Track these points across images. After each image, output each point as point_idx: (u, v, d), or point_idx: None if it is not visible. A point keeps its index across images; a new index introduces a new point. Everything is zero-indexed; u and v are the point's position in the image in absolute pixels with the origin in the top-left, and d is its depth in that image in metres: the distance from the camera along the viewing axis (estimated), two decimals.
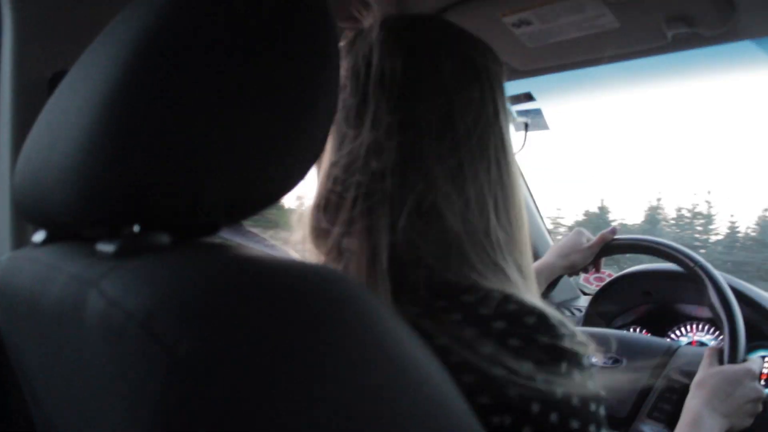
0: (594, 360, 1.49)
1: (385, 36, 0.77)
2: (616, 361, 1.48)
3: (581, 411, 0.67)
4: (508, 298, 0.69)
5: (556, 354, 0.66)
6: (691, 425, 1.12)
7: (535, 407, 0.65)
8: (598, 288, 1.93)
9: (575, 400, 0.67)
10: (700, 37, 1.13)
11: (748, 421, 1.18)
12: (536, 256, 1.79)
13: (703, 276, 1.37)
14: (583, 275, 2.09)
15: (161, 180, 0.50)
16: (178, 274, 0.46)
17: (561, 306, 2.06)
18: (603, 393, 0.71)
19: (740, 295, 1.58)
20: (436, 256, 0.72)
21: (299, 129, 0.56)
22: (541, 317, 0.68)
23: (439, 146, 0.74)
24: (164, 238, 0.52)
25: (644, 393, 1.40)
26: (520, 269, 0.77)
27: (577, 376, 0.67)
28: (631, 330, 1.89)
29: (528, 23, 1.15)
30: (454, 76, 0.76)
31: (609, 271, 2.04)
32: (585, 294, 2.16)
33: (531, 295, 0.75)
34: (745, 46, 1.19)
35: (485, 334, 0.66)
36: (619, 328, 1.90)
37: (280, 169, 0.56)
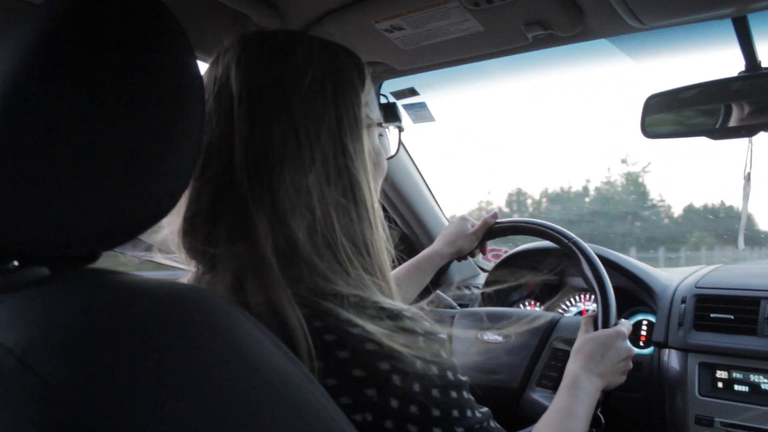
0: (486, 337, 1.59)
1: (240, 53, 0.82)
2: (505, 336, 1.57)
3: (442, 400, 0.74)
4: (364, 302, 0.74)
5: (413, 351, 0.72)
6: (569, 387, 1.19)
7: (394, 402, 0.70)
8: (495, 264, 2.03)
9: (434, 392, 0.73)
10: (557, 37, 1.22)
11: (622, 378, 1.28)
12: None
13: (576, 250, 1.47)
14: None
15: (33, 216, 0.51)
16: (53, 308, 0.50)
17: (461, 284, 2.16)
18: (465, 379, 0.78)
19: (615, 266, 1.71)
20: (286, 267, 0.76)
21: (168, 156, 0.58)
22: (397, 315, 0.74)
23: (289, 163, 0.78)
24: (43, 271, 0.55)
25: (532, 363, 1.51)
26: (375, 273, 0.82)
27: (433, 369, 0.73)
28: (525, 304, 2.01)
29: (400, 29, 1.21)
30: (302, 90, 0.80)
31: (505, 248, 2.16)
32: (484, 271, 2.26)
33: (390, 296, 0.82)
34: (601, 42, 1.28)
35: (342, 339, 0.71)
36: (514, 302, 2.02)
37: (153, 195, 0.58)
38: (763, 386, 1.43)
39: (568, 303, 1.95)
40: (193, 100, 0.61)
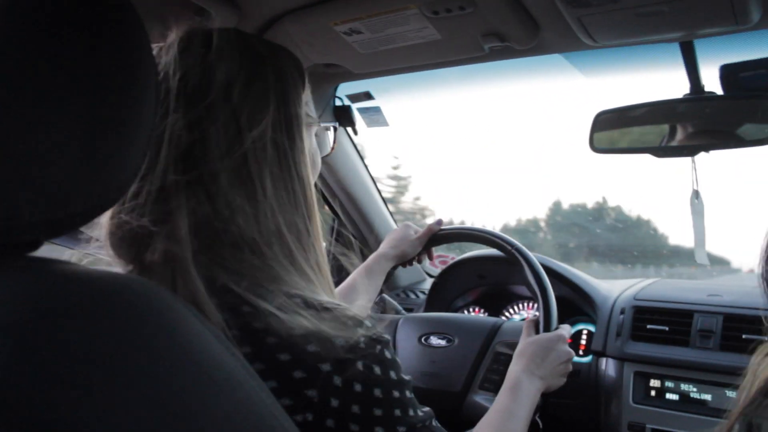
0: (430, 341, 1.61)
1: (183, 49, 0.81)
2: (449, 340, 1.60)
3: (384, 400, 0.75)
4: (307, 302, 0.75)
5: (354, 353, 0.73)
6: (511, 389, 1.21)
7: (335, 402, 0.71)
8: (441, 270, 2.06)
9: (377, 391, 0.74)
10: (513, 50, 1.25)
11: (562, 381, 1.31)
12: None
13: (519, 257, 1.50)
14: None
15: None
16: None
17: (407, 289, 2.18)
18: (408, 378, 0.79)
19: (557, 276, 1.75)
20: (231, 264, 0.76)
21: (118, 147, 0.57)
22: (338, 318, 0.74)
23: (228, 158, 0.78)
24: None
25: (475, 367, 1.53)
26: (314, 267, 0.83)
27: (376, 369, 0.74)
28: (470, 310, 2.04)
29: (359, 32, 1.22)
30: (242, 88, 0.81)
31: (452, 255, 2.18)
32: (431, 276, 2.28)
33: (327, 293, 0.82)
34: (555, 57, 1.32)
35: (283, 342, 0.71)
36: (459, 308, 2.04)
37: (101, 186, 0.56)
38: (692, 395, 1.48)
39: (511, 311, 1.99)
40: (147, 92, 0.60)
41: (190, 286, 0.72)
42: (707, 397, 1.47)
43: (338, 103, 1.67)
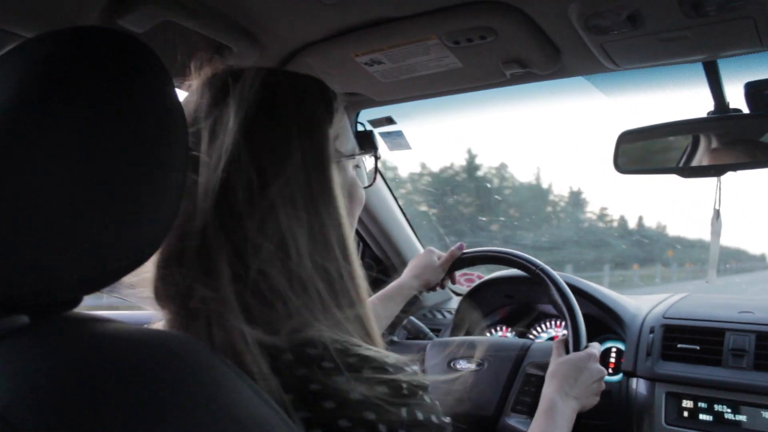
0: (460, 365, 1.60)
1: (214, 92, 0.79)
2: (479, 363, 1.59)
3: None
4: (347, 350, 0.73)
5: (397, 399, 0.72)
6: (546, 412, 1.22)
7: None
8: (468, 288, 2.05)
9: None
10: (534, 75, 1.25)
11: (596, 400, 1.31)
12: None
13: (544, 277, 1.50)
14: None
15: (11, 262, 0.50)
16: (35, 359, 0.49)
17: (434, 309, 2.17)
18: (448, 420, 0.77)
19: (583, 294, 1.74)
20: (264, 313, 0.74)
21: (151, 198, 0.57)
22: (378, 365, 0.73)
23: (255, 205, 0.75)
24: (23, 319, 0.53)
25: (506, 389, 1.52)
26: (352, 304, 0.80)
27: (419, 415, 0.73)
28: (497, 329, 2.03)
29: (380, 62, 1.23)
30: (262, 130, 0.78)
31: (478, 273, 2.18)
32: (457, 295, 2.27)
33: (367, 327, 0.81)
34: (577, 79, 1.31)
35: (325, 388, 0.69)
36: (486, 328, 2.04)
37: (136, 240, 0.56)
38: (726, 416, 1.46)
39: (539, 329, 1.98)
40: (176, 142, 0.60)
41: (230, 336, 0.70)
42: (742, 418, 1.45)
43: (359, 128, 1.68)
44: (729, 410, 1.46)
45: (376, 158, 1.11)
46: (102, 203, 0.53)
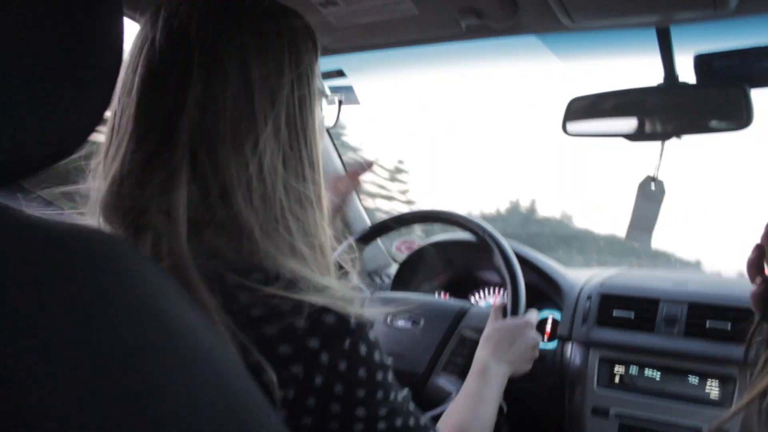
0: (396, 323, 1.60)
1: (192, 12, 0.76)
2: (414, 322, 1.59)
3: (367, 381, 0.73)
4: (296, 280, 0.71)
5: (341, 332, 0.71)
6: (479, 373, 1.22)
7: (319, 380, 0.69)
8: (408, 255, 2.05)
9: (361, 372, 0.72)
10: (490, 28, 1.23)
11: (528, 366, 1.32)
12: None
13: (491, 242, 1.50)
14: (395, 243, 2.21)
15: None
16: None
17: (373, 273, 2.17)
18: (389, 361, 0.77)
19: (526, 262, 1.76)
20: (227, 237, 0.73)
21: (76, 91, 0.53)
22: (330, 296, 0.72)
23: (233, 128, 0.74)
24: None
25: (440, 349, 1.53)
26: (316, 251, 0.80)
27: (362, 349, 0.72)
28: (436, 294, 2.04)
29: (334, 4, 1.19)
30: (254, 52, 0.76)
31: (418, 240, 2.18)
32: (396, 261, 2.27)
33: (323, 273, 0.79)
34: (531, 40, 1.31)
35: (272, 313, 0.68)
36: (425, 293, 2.04)
37: (57, 131, 0.53)
38: (655, 380, 1.51)
39: (478, 296, 1.99)
40: (112, 36, 0.56)
41: (180, 265, 0.69)
42: (670, 382, 1.49)
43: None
44: (658, 375, 1.50)
45: (340, 102, 1.10)
46: (22, 86, 0.49)
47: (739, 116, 1.18)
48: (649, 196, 1.31)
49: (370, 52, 1.47)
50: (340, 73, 1.60)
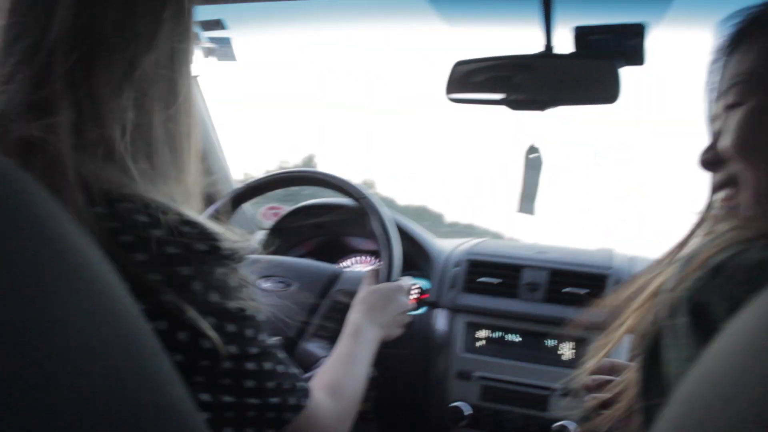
0: (265, 285, 1.56)
1: None
2: (286, 285, 1.55)
3: (237, 315, 0.72)
4: (166, 209, 0.70)
5: (213, 262, 0.70)
6: (352, 336, 1.24)
7: (191, 312, 0.68)
8: (274, 222, 2.00)
9: (232, 305, 0.71)
10: None
11: (399, 331, 1.36)
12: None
13: (369, 207, 1.50)
14: (260, 210, 2.15)
15: None
16: None
17: None
18: (260, 304, 0.77)
19: (399, 230, 1.77)
20: (97, 162, 0.71)
21: None
22: (200, 227, 0.71)
23: (110, 56, 0.72)
24: None
25: (311, 313, 1.51)
26: (183, 183, 0.79)
27: (233, 281, 0.72)
28: (307, 260, 2.01)
29: None
30: None
31: (285, 206, 2.14)
32: (262, 228, 2.22)
33: (191, 208, 0.78)
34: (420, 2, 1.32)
35: (141, 241, 0.67)
36: (296, 257, 2.00)
37: None
38: (516, 343, 1.58)
39: (347, 263, 1.99)
40: None
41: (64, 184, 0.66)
42: (530, 345, 1.57)
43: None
44: (519, 338, 1.58)
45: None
46: None
47: (608, 90, 1.25)
48: (532, 165, 1.36)
49: (254, 4, 1.42)
50: (219, 24, 1.53)
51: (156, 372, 0.51)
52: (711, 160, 0.71)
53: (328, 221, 1.94)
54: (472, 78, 1.35)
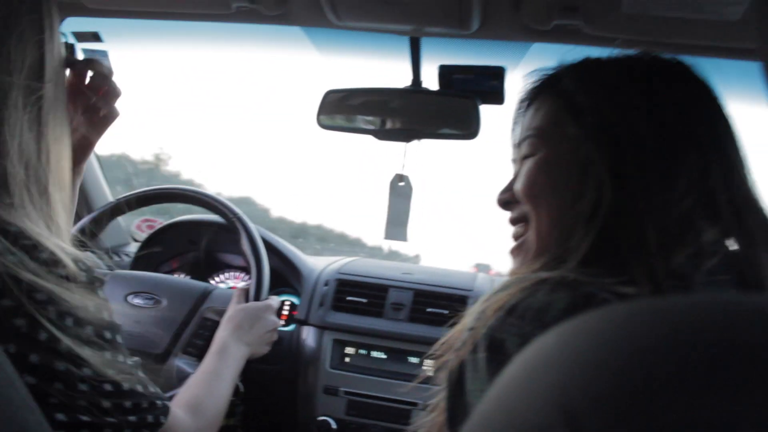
0: (135, 301, 1.55)
1: None
2: (156, 301, 1.56)
3: (95, 339, 0.73)
4: (23, 234, 0.71)
5: (66, 286, 0.71)
6: (217, 353, 1.26)
7: (43, 335, 0.68)
8: (149, 234, 1.99)
9: (88, 329, 0.73)
10: (260, 14, 1.26)
11: (267, 349, 1.40)
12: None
13: (239, 226, 1.53)
14: (135, 222, 2.13)
15: None
16: None
17: (111, 251, 2.07)
18: (118, 323, 0.79)
19: (271, 247, 1.81)
20: None
21: None
22: (53, 253, 0.72)
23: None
24: None
25: (180, 330, 1.52)
26: (51, 212, 0.79)
27: (90, 306, 0.73)
28: (176, 276, 2.00)
29: None
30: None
31: (160, 219, 2.12)
32: (136, 240, 2.19)
33: (58, 234, 0.79)
34: (296, 30, 1.36)
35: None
36: (165, 273, 2.00)
37: None
38: (381, 360, 1.65)
39: (218, 279, 2.00)
40: None
41: None
42: (394, 362, 1.64)
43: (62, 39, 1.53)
44: (384, 356, 1.65)
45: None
46: None
47: (469, 126, 1.35)
48: (399, 192, 1.43)
49: (134, 20, 1.42)
50: (95, 37, 1.51)
51: (10, 399, 0.52)
52: (506, 199, 0.81)
53: (201, 237, 1.95)
54: (342, 106, 1.42)
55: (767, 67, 0.30)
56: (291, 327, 1.76)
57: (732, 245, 0.66)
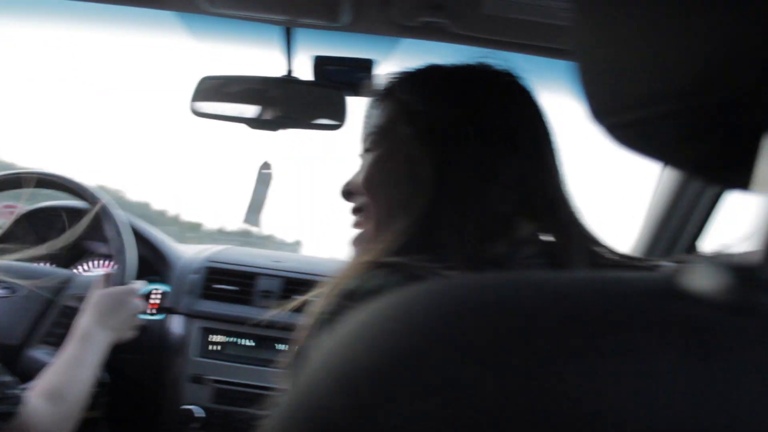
0: None
1: None
2: (12, 290, 1.49)
3: None
4: None
5: None
6: (79, 340, 1.24)
7: None
8: (10, 221, 1.89)
9: None
10: None
11: (131, 333, 1.38)
12: None
13: (102, 211, 1.50)
14: None
15: None
16: None
17: None
18: None
19: (139, 235, 1.78)
20: None
21: None
22: None
23: None
24: None
25: (38, 319, 1.47)
26: None
27: None
28: (40, 264, 1.91)
29: None
30: None
31: (22, 205, 2.02)
32: None
33: None
34: (168, 15, 1.35)
35: None
36: (29, 261, 1.90)
37: None
38: (249, 348, 1.67)
39: (84, 267, 1.93)
40: None
41: None
42: (261, 349, 1.66)
43: None
44: (252, 343, 1.66)
45: None
46: None
47: (336, 117, 1.39)
48: (262, 179, 1.45)
49: None
50: None
51: None
52: (348, 190, 0.86)
53: (65, 224, 1.87)
54: (216, 94, 1.42)
55: (578, 67, 0.35)
56: (159, 316, 1.73)
57: (547, 237, 0.75)
